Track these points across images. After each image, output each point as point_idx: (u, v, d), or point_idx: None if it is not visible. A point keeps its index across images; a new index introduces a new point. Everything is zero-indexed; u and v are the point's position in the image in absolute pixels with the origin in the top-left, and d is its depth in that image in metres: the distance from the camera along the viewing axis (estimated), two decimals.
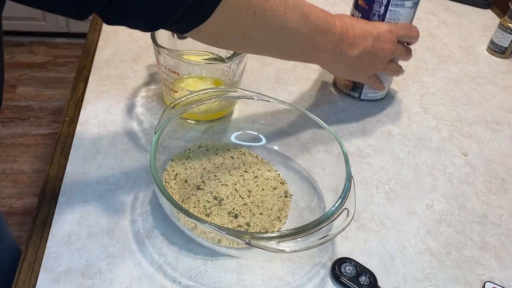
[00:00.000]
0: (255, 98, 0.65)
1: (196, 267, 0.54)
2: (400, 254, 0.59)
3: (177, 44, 0.74)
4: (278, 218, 0.59)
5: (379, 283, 0.55)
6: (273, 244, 0.48)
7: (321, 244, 0.50)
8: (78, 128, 0.70)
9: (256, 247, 0.48)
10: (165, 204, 0.52)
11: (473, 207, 0.66)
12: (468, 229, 0.63)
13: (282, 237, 0.48)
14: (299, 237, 0.49)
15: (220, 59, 0.71)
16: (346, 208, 0.52)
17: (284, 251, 0.49)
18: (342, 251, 0.58)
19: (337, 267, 0.55)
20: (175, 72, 0.68)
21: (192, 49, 0.72)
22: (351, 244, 0.59)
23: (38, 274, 0.52)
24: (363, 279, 0.54)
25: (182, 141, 0.67)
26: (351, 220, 0.51)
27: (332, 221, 0.50)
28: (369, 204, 0.65)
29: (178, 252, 0.55)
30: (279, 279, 0.54)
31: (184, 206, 0.56)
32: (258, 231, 0.56)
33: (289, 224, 0.60)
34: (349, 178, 0.55)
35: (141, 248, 0.55)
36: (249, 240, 0.47)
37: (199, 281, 0.53)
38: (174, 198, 0.56)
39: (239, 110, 0.75)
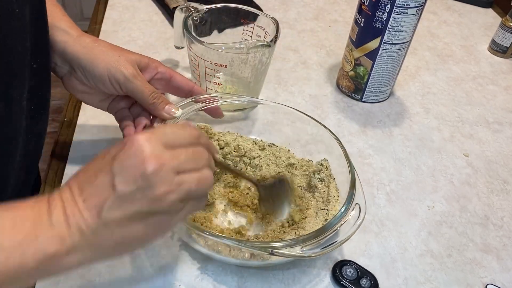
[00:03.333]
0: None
1: (196, 270, 0.54)
2: (401, 256, 0.59)
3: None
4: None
5: (380, 286, 0.54)
6: (297, 250, 0.48)
7: (342, 243, 0.49)
8: (77, 129, 0.69)
9: (280, 256, 0.48)
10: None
11: (475, 209, 0.66)
12: (470, 231, 0.63)
13: (305, 241, 0.48)
14: (321, 239, 0.49)
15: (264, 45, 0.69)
16: (357, 203, 0.52)
17: (310, 256, 0.48)
18: (342, 253, 0.58)
19: (338, 270, 0.55)
20: (222, 66, 0.69)
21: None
22: (351, 246, 0.59)
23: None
24: (364, 281, 0.54)
25: None
26: (364, 215, 0.51)
27: (347, 218, 0.51)
28: (370, 206, 0.64)
29: (178, 255, 0.55)
30: (280, 282, 0.54)
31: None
32: (279, 239, 0.55)
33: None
34: (353, 172, 0.55)
35: (141, 251, 0.55)
36: (272, 250, 0.47)
37: (199, 284, 0.53)
38: None
39: (238, 114, 0.75)
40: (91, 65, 0.55)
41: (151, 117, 0.60)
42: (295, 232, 0.54)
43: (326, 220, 0.56)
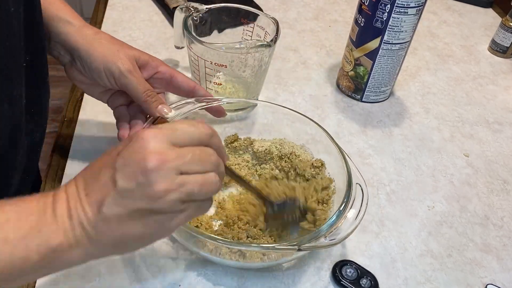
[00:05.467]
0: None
1: (196, 270, 0.54)
2: (401, 256, 0.58)
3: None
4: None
5: (380, 286, 0.54)
6: (322, 240, 0.49)
7: (359, 222, 0.51)
8: (77, 128, 0.69)
9: (308, 250, 0.49)
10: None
11: (475, 209, 0.66)
12: (470, 231, 0.63)
13: (326, 229, 0.49)
14: (339, 224, 0.50)
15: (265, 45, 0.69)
16: (358, 183, 0.54)
17: (335, 244, 0.49)
18: (342, 253, 0.58)
19: (338, 270, 0.54)
20: (222, 65, 0.69)
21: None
22: (352, 246, 0.59)
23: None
24: (364, 281, 0.54)
25: None
26: (367, 195, 0.53)
27: (354, 196, 0.52)
28: (370, 206, 0.64)
29: (178, 255, 0.55)
30: (280, 282, 0.54)
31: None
32: (303, 234, 0.55)
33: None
34: (344, 157, 0.57)
35: (141, 251, 0.55)
36: (300, 247, 0.47)
37: (199, 285, 0.53)
38: None
39: (238, 114, 0.75)
40: (89, 56, 0.55)
41: (148, 116, 0.59)
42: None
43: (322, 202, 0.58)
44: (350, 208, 0.51)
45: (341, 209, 0.51)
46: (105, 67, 0.55)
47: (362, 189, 0.54)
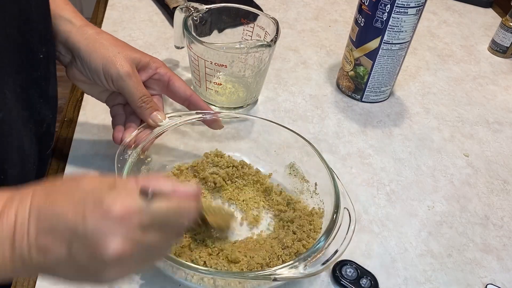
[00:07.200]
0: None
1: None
2: (401, 256, 0.58)
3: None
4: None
5: (380, 286, 0.54)
6: (300, 270, 0.46)
7: (341, 254, 0.49)
8: (77, 128, 0.69)
9: (283, 280, 0.46)
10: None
11: (475, 209, 0.66)
12: (470, 231, 0.63)
13: (306, 258, 0.47)
14: (318, 255, 0.47)
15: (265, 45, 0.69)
16: (345, 208, 0.52)
17: (312, 275, 0.47)
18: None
19: (338, 270, 0.54)
20: (222, 65, 0.69)
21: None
22: (352, 246, 0.58)
23: (36, 277, 0.51)
24: (364, 281, 0.54)
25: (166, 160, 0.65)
26: (355, 221, 0.51)
27: (339, 225, 0.50)
28: (370, 206, 0.64)
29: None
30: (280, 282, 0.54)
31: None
32: (279, 265, 0.51)
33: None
34: (333, 176, 0.55)
35: None
36: (275, 277, 0.45)
37: (199, 284, 0.52)
38: None
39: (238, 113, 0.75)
40: (89, 57, 0.55)
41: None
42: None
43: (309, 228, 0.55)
44: (334, 237, 0.49)
45: (322, 237, 0.49)
46: (104, 68, 0.54)
47: (349, 215, 0.52)
